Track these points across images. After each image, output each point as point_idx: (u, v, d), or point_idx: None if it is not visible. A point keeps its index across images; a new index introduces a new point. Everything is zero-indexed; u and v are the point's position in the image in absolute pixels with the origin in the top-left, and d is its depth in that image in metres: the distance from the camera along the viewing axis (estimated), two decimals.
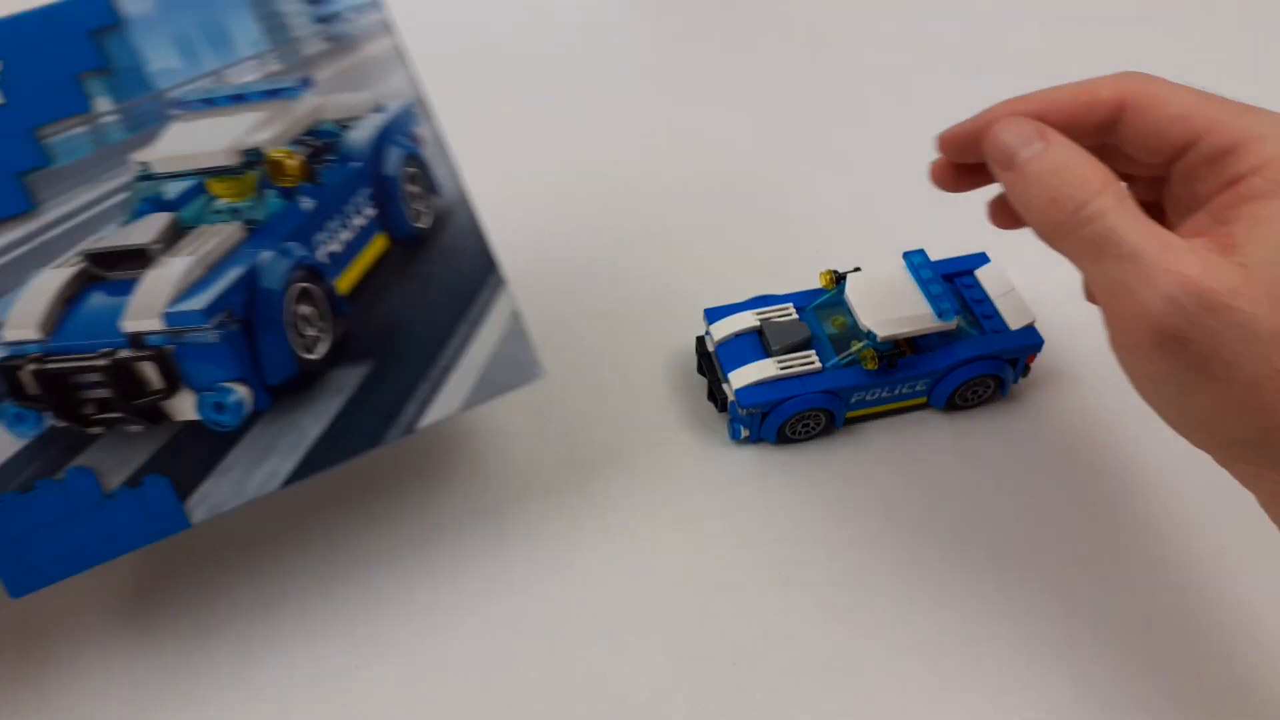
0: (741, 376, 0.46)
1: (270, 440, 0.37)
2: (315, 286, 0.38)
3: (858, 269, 0.47)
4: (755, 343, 0.47)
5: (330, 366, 0.38)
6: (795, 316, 0.48)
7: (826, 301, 0.48)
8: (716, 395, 0.48)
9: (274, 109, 0.37)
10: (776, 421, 0.46)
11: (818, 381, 0.46)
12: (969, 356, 0.46)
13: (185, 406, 0.37)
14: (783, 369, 0.46)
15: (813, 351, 0.47)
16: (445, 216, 0.39)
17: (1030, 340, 0.47)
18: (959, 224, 0.46)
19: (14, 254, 0.35)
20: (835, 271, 0.47)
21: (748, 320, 0.47)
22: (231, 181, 0.37)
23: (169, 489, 0.36)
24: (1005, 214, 0.41)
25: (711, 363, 0.48)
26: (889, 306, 0.45)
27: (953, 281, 0.49)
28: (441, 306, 0.38)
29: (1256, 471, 0.36)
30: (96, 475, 0.36)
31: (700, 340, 0.49)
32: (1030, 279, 0.49)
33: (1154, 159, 0.37)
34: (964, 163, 0.39)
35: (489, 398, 0.39)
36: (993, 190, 0.39)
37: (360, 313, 0.38)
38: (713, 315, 0.48)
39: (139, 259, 0.36)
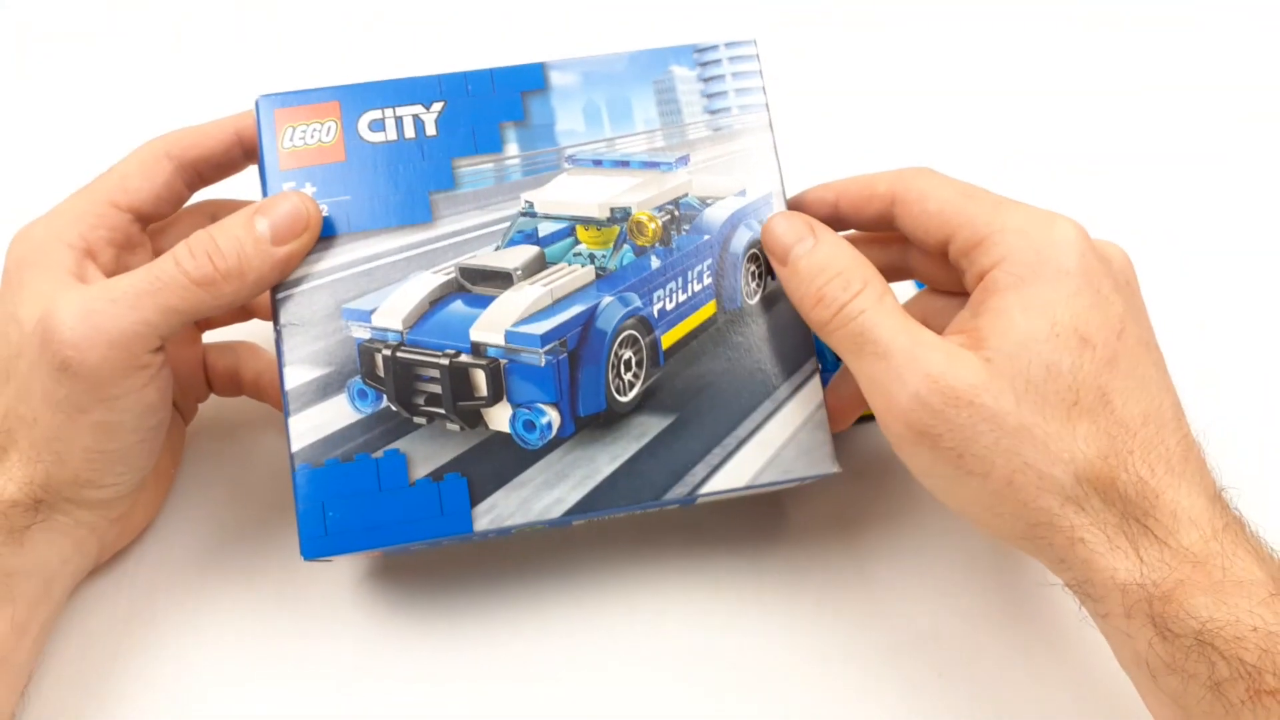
0: None
1: (565, 468, 0.39)
2: (642, 336, 0.40)
3: None
4: None
5: (635, 411, 0.39)
6: None
7: None
8: None
9: (649, 177, 0.41)
10: None
11: None
12: None
13: (500, 418, 0.39)
14: None
15: None
16: (774, 297, 0.40)
17: None
18: None
19: (405, 255, 0.40)
20: None
21: None
22: (596, 232, 0.41)
23: (464, 490, 0.39)
24: None
25: None
26: None
27: None
28: (751, 380, 0.39)
29: (1048, 563, 0.35)
30: (408, 461, 0.39)
31: None
32: None
33: (928, 250, 0.38)
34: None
35: (776, 480, 0.38)
36: None
37: (675, 368, 0.40)
38: None
39: (502, 280, 0.40)
